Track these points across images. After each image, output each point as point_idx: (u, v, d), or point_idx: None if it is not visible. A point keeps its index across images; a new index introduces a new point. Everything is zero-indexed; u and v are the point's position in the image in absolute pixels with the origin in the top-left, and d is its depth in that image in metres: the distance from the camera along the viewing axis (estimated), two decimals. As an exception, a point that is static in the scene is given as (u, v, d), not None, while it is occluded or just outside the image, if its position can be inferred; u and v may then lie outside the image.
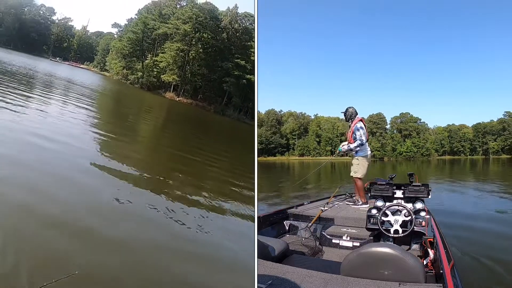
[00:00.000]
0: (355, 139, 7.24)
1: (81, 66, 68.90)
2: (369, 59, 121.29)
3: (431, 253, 4.18)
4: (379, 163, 69.96)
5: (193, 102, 48.57)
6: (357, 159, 7.29)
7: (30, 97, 15.66)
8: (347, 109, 7.52)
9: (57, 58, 67.81)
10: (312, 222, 6.01)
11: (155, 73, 51.25)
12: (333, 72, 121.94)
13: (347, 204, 7.14)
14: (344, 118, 7.65)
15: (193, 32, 48.38)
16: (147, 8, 56.24)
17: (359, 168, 7.23)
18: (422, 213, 5.29)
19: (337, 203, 7.17)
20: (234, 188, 9.46)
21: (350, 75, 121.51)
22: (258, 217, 5.61)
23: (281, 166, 51.06)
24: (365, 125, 7.39)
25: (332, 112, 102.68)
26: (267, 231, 5.70)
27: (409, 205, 5.41)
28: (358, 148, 7.26)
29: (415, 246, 5.19)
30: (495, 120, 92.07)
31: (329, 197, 7.48)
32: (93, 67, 68.63)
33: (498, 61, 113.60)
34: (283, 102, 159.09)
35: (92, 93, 27.85)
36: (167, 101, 46.46)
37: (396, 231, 5.07)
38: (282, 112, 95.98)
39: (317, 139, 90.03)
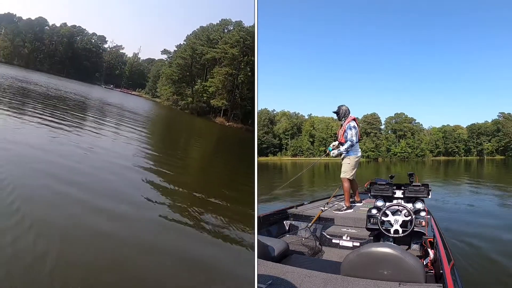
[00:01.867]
0: (346, 139, 7.02)
1: (132, 93, 69.96)
2: (364, 59, 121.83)
3: (431, 253, 4.19)
4: (373, 163, 70.12)
5: (243, 126, 47.77)
6: (348, 158, 7.06)
7: (84, 120, 16.92)
8: (339, 107, 7.24)
9: (111, 86, 69.12)
10: (312, 222, 6.01)
11: (204, 98, 51.15)
12: (328, 72, 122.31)
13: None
14: (336, 117, 7.38)
15: (241, 55, 48.24)
16: (195, 34, 56.32)
17: (348, 168, 7.01)
18: (422, 213, 5.30)
19: (337, 203, 7.13)
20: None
21: (345, 74, 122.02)
22: (258, 217, 5.59)
23: (273, 167, 50.92)
24: (358, 125, 7.17)
25: (326, 112, 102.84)
26: (267, 231, 5.71)
27: (409, 205, 5.43)
28: (349, 149, 7.03)
29: (415, 246, 5.21)
30: (489, 121, 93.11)
31: (329, 197, 7.45)
32: (145, 93, 69.70)
33: (492, 62, 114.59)
34: (276, 102, 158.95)
35: (143, 119, 28.44)
36: (217, 126, 46.01)
37: (396, 231, 5.07)
38: (275, 112, 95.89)
39: (311, 139, 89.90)
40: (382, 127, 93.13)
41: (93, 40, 72.85)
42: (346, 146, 6.98)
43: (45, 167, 7.55)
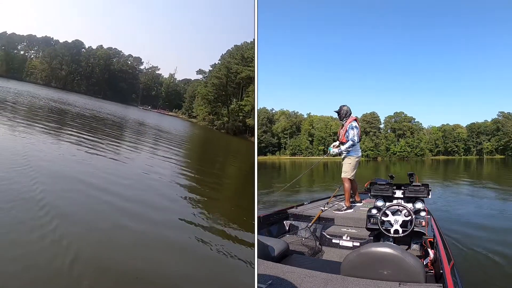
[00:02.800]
0: (347, 138, 7.02)
1: (169, 113, 70.36)
2: (363, 59, 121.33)
3: (431, 253, 4.19)
4: (372, 163, 70.06)
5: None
6: (349, 158, 7.07)
7: (122, 140, 17.34)
8: (341, 107, 7.25)
9: (149, 107, 69.95)
10: (312, 222, 6.01)
11: (240, 117, 50.75)
12: (327, 71, 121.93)
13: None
14: (337, 116, 7.37)
15: (276, 73, 48.02)
16: (229, 53, 55.92)
17: (349, 168, 7.02)
18: (422, 213, 5.31)
19: (337, 203, 7.13)
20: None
21: (344, 74, 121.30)
22: (258, 217, 5.59)
23: (272, 166, 50.86)
24: (359, 125, 7.19)
25: (325, 111, 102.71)
26: (267, 231, 5.71)
27: (409, 205, 5.43)
28: (350, 149, 7.04)
29: (415, 246, 5.21)
30: (489, 120, 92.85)
31: (329, 197, 7.44)
32: (181, 114, 69.85)
33: (492, 61, 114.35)
34: (274, 101, 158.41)
35: (180, 139, 28.66)
36: (253, 145, 45.51)
37: (396, 231, 5.07)
38: (273, 111, 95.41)
39: (310, 138, 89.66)
40: (382, 126, 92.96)
41: (129, 62, 74.61)
42: (347, 145, 7.00)
43: (82, 177, 7.82)
